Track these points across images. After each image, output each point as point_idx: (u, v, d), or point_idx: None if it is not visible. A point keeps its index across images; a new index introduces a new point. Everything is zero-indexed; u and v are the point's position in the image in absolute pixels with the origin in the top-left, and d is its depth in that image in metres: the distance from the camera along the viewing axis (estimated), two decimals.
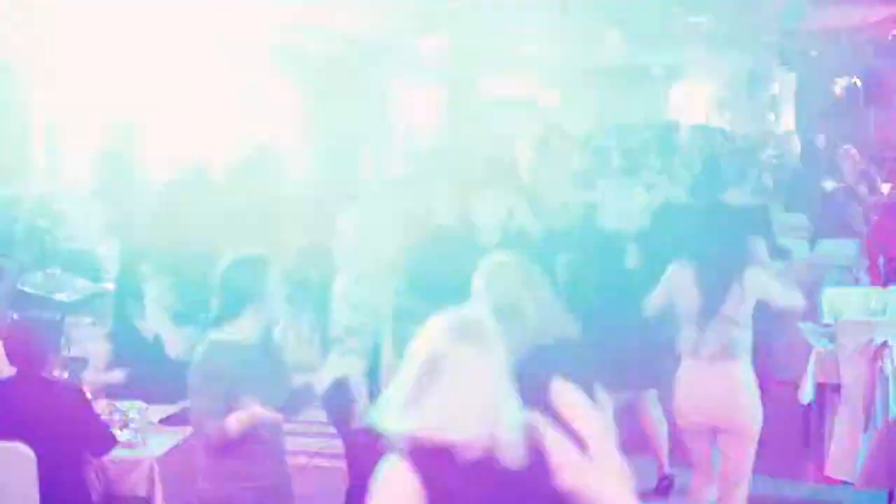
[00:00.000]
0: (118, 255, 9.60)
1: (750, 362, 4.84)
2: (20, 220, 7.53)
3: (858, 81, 16.56)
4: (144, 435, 4.65)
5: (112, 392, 5.18)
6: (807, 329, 6.51)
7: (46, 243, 8.77)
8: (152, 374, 5.07)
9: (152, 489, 4.42)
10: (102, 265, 10.05)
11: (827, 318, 6.61)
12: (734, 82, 23.98)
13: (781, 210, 10.08)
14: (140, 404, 4.89)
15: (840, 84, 17.53)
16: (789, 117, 19.88)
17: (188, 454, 4.50)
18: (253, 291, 3.71)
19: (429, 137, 17.70)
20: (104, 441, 4.39)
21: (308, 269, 8.29)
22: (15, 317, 6.94)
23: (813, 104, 18.62)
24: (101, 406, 4.69)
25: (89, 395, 4.72)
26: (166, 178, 8.72)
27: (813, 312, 7.10)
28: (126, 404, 4.85)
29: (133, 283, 5.87)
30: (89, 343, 6.17)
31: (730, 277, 4.74)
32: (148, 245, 6.71)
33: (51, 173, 9.98)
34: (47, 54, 9.16)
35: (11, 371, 4.39)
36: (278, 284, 3.77)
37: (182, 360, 4.79)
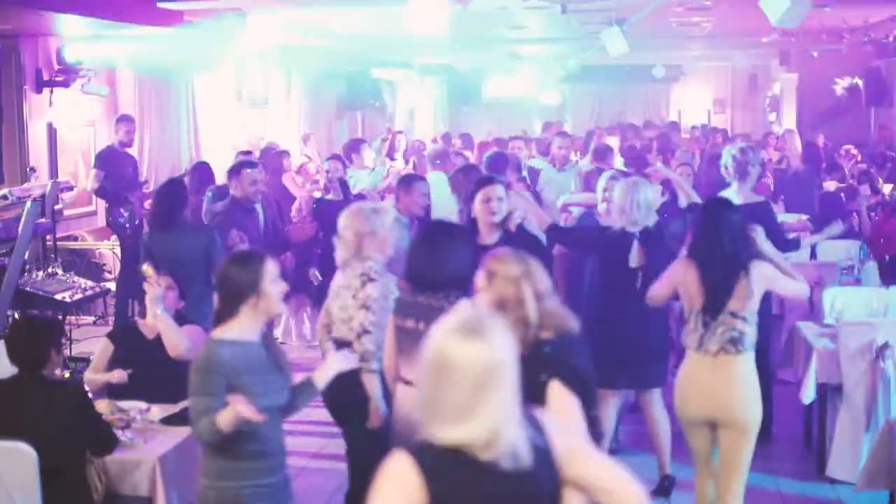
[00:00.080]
0: (119, 255, 9.64)
1: (753, 358, 4.84)
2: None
3: (859, 82, 16.57)
4: (146, 435, 4.65)
5: (113, 392, 5.18)
6: (808, 329, 6.51)
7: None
8: (153, 373, 5.07)
9: (154, 489, 4.40)
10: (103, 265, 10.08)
11: (829, 318, 6.62)
12: (735, 82, 24.01)
13: (782, 210, 10.09)
14: (141, 404, 4.90)
15: (840, 84, 17.55)
16: (790, 117, 19.90)
17: (190, 454, 4.51)
18: (249, 289, 3.71)
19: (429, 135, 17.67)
20: (105, 441, 4.39)
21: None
22: (16, 316, 6.98)
23: (813, 104, 18.65)
24: (102, 406, 4.68)
25: (90, 395, 4.71)
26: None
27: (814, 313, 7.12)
28: (127, 404, 4.85)
29: (134, 282, 5.87)
30: (90, 343, 6.16)
31: (736, 273, 4.75)
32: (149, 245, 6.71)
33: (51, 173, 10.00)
34: None
35: (13, 371, 4.37)
36: (275, 282, 3.76)
37: (183, 359, 4.80)
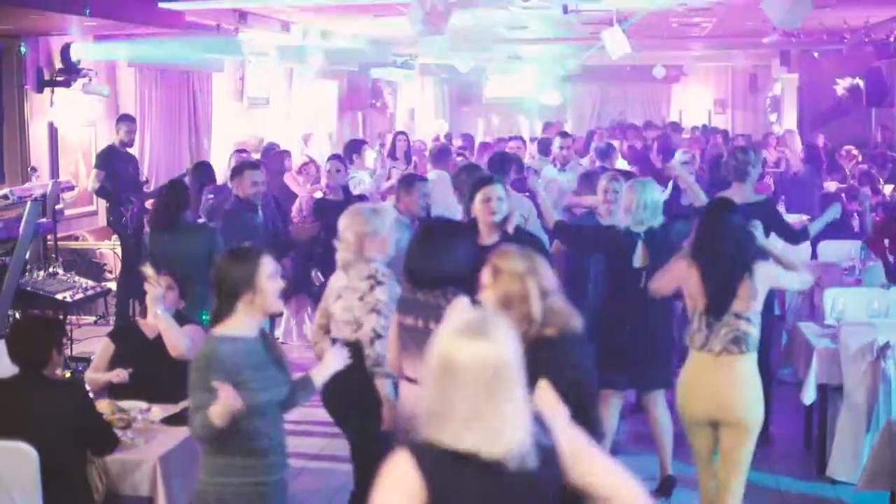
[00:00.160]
0: (120, 255, 9.64)
1: (756, 358, 4.84)
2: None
3: (860, 82, 16.56)
4: (146, 435, 4.64)
5: (114, 391, 5.18)
6: (809, 330, 6.51)
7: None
8: (154, 373, 5.07)
9: (155, 489, 4.40)
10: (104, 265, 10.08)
11: (829, 319, 6.62)
12: (735, 82, 24.00)
13: (783, 211, 10.09)
14: (142, 404, 4.90)
15: (841, 85, 17.54)
16: (791, 118, 19.90)
17: (190, 453, 4.51)
18: (244, 285, 3.71)
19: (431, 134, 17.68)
20: (106, 441, 4.39)
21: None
22: (17, 316, 6.98)
23: (814, 105, 18.64)
24: (103, 406, 4.68)
25: (91, 395, 4.71)
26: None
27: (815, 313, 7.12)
28: (128, 404, 4.85)
29: (135, 282, 5.86)
30: (91, 342, 6.16)
31: (740, 274, 4.75)
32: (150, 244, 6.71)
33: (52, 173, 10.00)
34: None
35: (14, 370, 4.37)
36: (272, 278, 3.76)
37: (184, 359, 4.79)
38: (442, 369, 2.40)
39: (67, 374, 5.47)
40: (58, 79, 9.94)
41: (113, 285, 9.38)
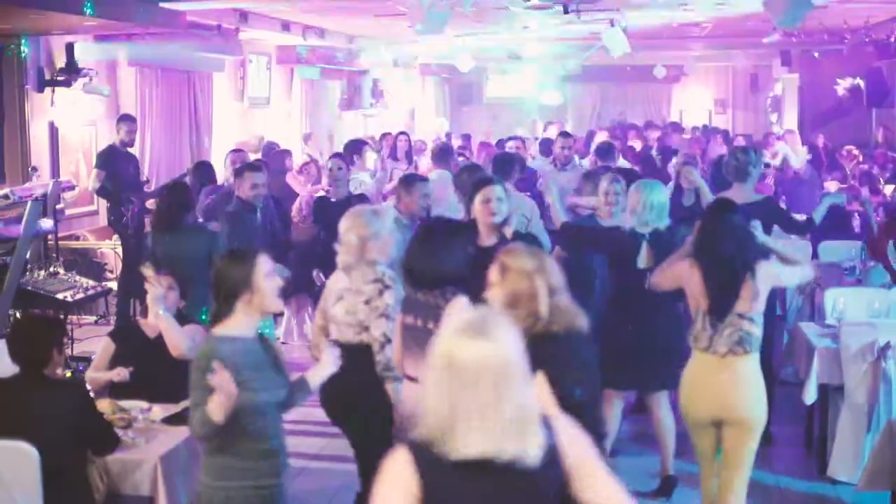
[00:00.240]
0: (121, 255, 9.64)
1: (758, 358, 4.85)
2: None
3: (860, 82, 16.56)
4: (147, 434, 4.64)
5: (115, 391, 5.18)
6: (810, 330, 6.50)
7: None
8: (155, 373, 5.06)
9: (155, 489, 4.40)
10: (105, 264, 10.08)
11: (830, 319, 6.62)
12: (736, 82, 24.00)
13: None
14: (143, 404, 4.89)
15: (842, 85, 17.54)
16: (791, 118, 19.90)
17: (191, 453, 4.51)
18: (242, 285, 3.72)
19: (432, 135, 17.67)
20: (107, 440, 4.39)
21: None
22: (18, 315, 6.98)
23: (815, 105, 18.64)
24: (103, 405, 4.68)
25: (92, 394, 4.71)
26: None
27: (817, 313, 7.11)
28: (129, 403, 4.85)
29: (135, 282, 5.85)
30: (92, 342, 6.15)
31: (742, 275, 4.76)
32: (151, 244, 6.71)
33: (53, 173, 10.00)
34: None
35: (14, 370, 4.37)
36: (269, 277, 3.77)
37: (185, 359, 4.79)
38: (445, 370, 2.39)
39: (68, 374, 5.45)
40: (58, 78, 9.93)
41: (113, 285, 9.38)
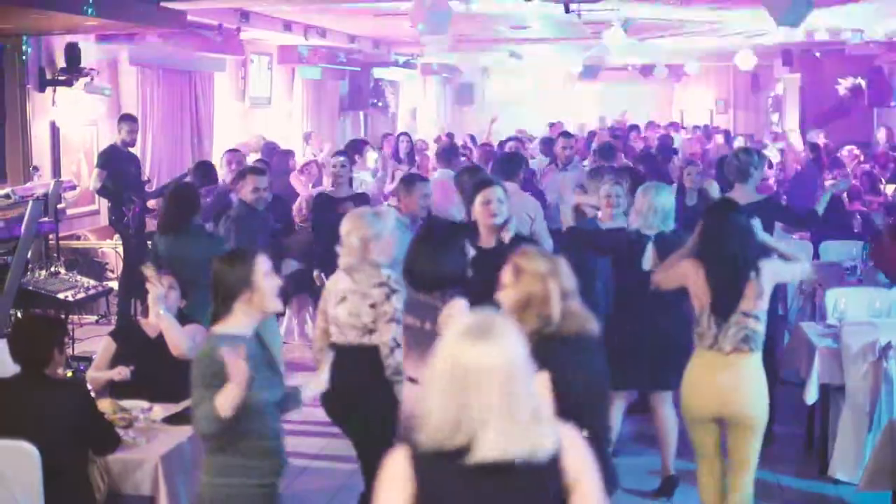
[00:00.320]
0: (122, 255, 9.64)
1: (761, 357, 4.86)
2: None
3: (862, 82, 16.57)
4: (148, 434, 4.64)
5: (116, 391, 5.18)
6: (811, 330, 6.50)
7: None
8: (156, 372, 5.06)
9: (156, 488, 4.40)
10: (106, 264, 10.09)
11: (831, 318, 6.61)
12: (737, 82, 24.00)
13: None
14: (143, 403, 4.89)
15: (843, 84, 17.54)
16: (792, 117, 19.90)
17: (192, 453, 4.51)
18: (242, 284, 3.72)
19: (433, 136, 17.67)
20: (108, 440, 4.39)
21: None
22: (19, 315, 6.98)
23: (816, 104, 18.64)
24: (104, 405, 4.68)
25: (93, 394, 4.71)
26: None
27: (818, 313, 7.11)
28: (130, 403, 4.85)
29: (136, 282, 5.84)
30: (93, 342, 6.14)
31: (746, 274, 4.76)
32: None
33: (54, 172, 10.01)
34: None
35: (16, 370, 4.37)
36: (268, 277, 3.77)
37: (185, 359, 4.79)
38: (450, 374, 2.38)
39: (69, 374, 5.45)
40: (60, 78, 9.94)
41: (114, 285, 9.38)
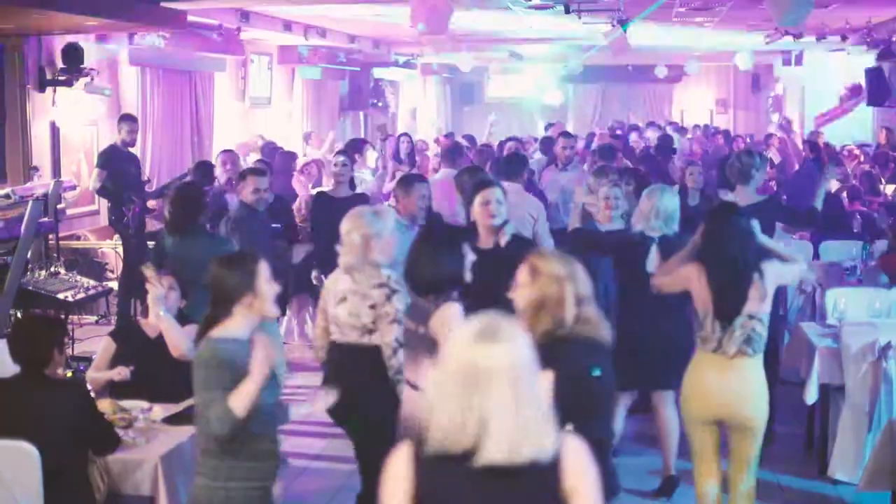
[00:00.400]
0: (122, 255, 9.64)
1: (762, 359, 4.87)
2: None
3: (861, 82, 16.57)
4: (148, 434, 4.64)
5: (115, 391, 5.18)
6: (811, 330, 6.50)
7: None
8: (156, 373, 5.06)
9: (156, 488, 4.40)
10: (106, 264, 10.09)
11: (831, 319, 6.61)
12: (737, 82, 24.01)
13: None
14: (143, 404, 4.89)
15: (843, 84, 17.55)
16: (792, 117, 19.91)
17: (192, 453, 4.51)
18: (245, 288, 3.72)
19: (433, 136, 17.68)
20: (108, 440, 4.39)
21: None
22: (19, 315, 6.98)
23: (815, 104, 18.66)
24: (104, 405, 4.68)
25: (93, 394, 4.71)
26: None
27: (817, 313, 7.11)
28: (129, 403, 4.85)
29: (136, 282, 5.83)
30: (93, 342, 6.13)
31: (749, 276, 4.76)
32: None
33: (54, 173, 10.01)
34: None
35: (15, 370, 4.37)
36: (269, 282, 3.77)
37: (185, 359, 4.79)
38: (458, 376, 2.38)
39: (69, 374, 5.45)
40: (60, 78, 9.93)
41: (114, 285, 9.38)
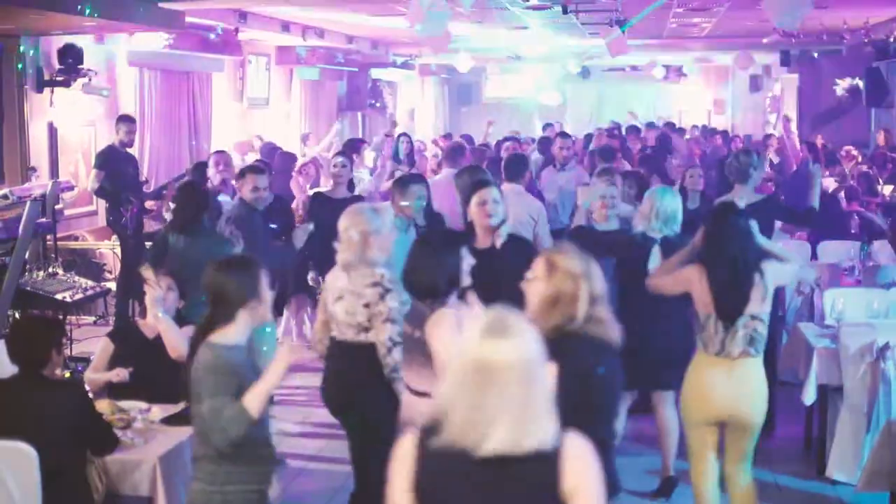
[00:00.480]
0: (120, 255, 9.64)
1: (762, 359, 4.89)
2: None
3: (859, 82, 16.58)
4: (146, 435, 4.64)
5: (114, 392, 5.18)
6: (809, 330, 6.50)
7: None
8: (154, 373, 5.06)
9: (154, 489, 4.40)
10: (104, 265, 10.08)
11: (829, 319, 6.61)
12: (735, 83, 24.02)
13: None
14: (142, 404, 4.89)
15: (841, 85, 17.55)
16: (790, 118, 19.91)
17: (190, 454, 4.50)
18: (251, 294, 3.71)
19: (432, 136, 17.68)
20: (106, 441, 4.38)
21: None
22: (17, 316, 6.98)
23: (814, 105, 18.66)
24: (102, 406, 4.68)
25: (91, 395, 4.71)
26: None
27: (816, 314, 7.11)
28: (128, 404, 4.85)
29: (134, 282, 5.83)
30: (91, 342, 6.14)
31: (750, 276, 4.77)
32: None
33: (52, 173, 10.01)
34: None
35: (13, 370, 4.37)
36: (269, 289, 3.77)
37: (184, 361, 4.78)
38: (469, 371, 2.38)
39: (67, 375, 5.46)
40: (58, 78, 9.93)
41: (112, 285, 9.38)
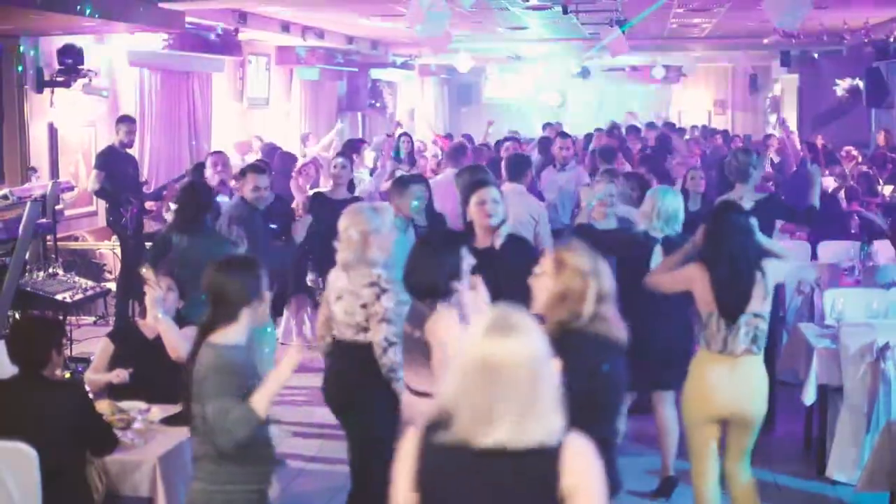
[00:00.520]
0: (120, 256, 9.64)
1: (763, 357, 4.90)
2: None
3: (859, 83, 16.58)
4: (146, 435, 4.64)
5: (114, 392, 5.18)
6: (809, 330, 6.50)
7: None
8: (154, 374, 5.06)
9: (154, 489, 4.40)
10: (104, 265, 10.08)
11: (829, 319, 6.61)
12: (735, 83, 24.03)
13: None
14: (141, 405, 4.89)
15: (841, 85, 17.55)
16: (790, 118, 19.92)
17: (190, 454, 4.50)
18: (254, 294, 3.72)
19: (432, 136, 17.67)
20: (106, 441, 4.38)
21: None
22: (17, 316, 6.97)
23: (814, 105, 18.66)
24: (102, 406, 4.68)
25: (91, 395, 4.71)
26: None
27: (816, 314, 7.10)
28: (128, 404, 4.85)
29: (134, 283, 5.83)
30: (91, 343, 6.13)
31: (752, 275, 4.77)
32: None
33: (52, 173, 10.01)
34: None
35: (14, 371, 4.37)
36: (267, 287, 3.78)
37: (184, 361, 4.78)
38: (481, 372, 2.39)
39: (67, 375, 5.46)
40: (58, 79, 9.94)
41: (112, 286, 9.38)
